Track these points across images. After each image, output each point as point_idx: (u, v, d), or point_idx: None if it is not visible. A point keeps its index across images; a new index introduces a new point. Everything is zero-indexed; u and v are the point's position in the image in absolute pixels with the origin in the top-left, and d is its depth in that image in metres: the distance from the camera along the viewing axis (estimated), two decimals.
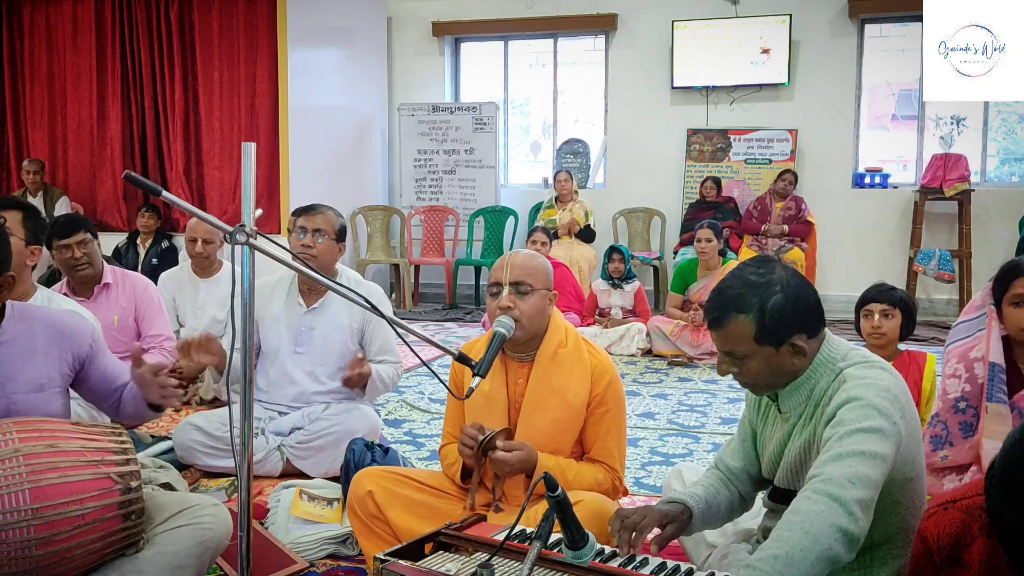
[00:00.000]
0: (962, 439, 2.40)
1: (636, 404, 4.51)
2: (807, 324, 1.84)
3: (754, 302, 1.81)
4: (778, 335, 1.81)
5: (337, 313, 3.38)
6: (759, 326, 1.80)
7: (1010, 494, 1.37)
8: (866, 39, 7.81)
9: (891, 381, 1.80)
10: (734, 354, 1.85)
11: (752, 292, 1.82)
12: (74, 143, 7.89)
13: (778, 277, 1.84)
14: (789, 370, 1.86)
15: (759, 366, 1.84)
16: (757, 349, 1.82)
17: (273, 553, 2.53)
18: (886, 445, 1.69)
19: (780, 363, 1.84)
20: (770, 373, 1.86)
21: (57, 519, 1.83)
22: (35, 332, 2.15)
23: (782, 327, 1.81)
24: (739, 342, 1.83)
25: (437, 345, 1.95)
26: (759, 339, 1.81)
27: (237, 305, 1.79)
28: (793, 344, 1.82)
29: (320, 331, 3.36)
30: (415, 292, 8.15)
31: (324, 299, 3.39)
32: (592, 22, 8.25)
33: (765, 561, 1.58)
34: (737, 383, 1.94)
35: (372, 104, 8.47)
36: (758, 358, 1.83)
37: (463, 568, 1.76)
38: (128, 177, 1.75)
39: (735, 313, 1.82)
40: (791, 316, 1.81)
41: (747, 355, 1.83)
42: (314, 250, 3.29)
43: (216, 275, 4.58)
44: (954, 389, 2.42)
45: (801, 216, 7.27)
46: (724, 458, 2.14)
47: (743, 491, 2.10)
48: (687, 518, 1.94)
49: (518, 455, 2.25)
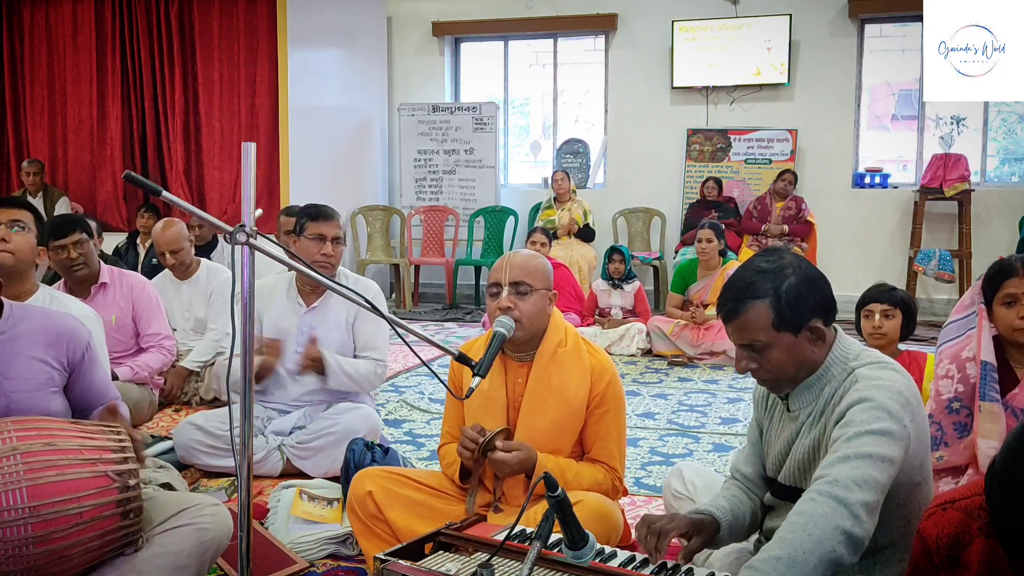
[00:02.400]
0: (957, 439, 2.40)
1: (636, 404, 4.51)
2: (822, 307, 1.82)
3: (768, 287, 1.79)
4: (796, 319, 1.79)
5: (336, 311, 3.40)
6: (776, 311, 1.78)
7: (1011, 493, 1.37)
8: (866, 39, 7.81)
9: (903, 383, 1.78)
10: (753, 346, 1.82)
11: (765, 278, 1.80)
12: (74, 143, 7.89)
13: (788, 262, 1.83)
14: (809, 359, 1.83)
15: (780, 356, 1.81)
16: (776, 336, 1.79)
17: (273, 553, 2.53)
18: (895, 448, 1.68)
19: (800, 351, 1.81)
20: (792, 363, 1.82)
21: (54, 517, 1.83)
22: (32, 332, 2.14)
23: (799, 310, 1.79)
24: (757, 331, 1.80)
25: (437, 345, 1.95)
26: (778, 325, 1.79)
27: (237, 305, 1.79)
28: (812, 328, 1.80)
29: (321, 330, 3.37)
30: (415, 292, 8.15)
31: (323, 298, 3.40)
32: (592, 22, 8.24)
33: (767, 562, 1.57)
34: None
35: (372, 104, 8.47)
36: (778, 347, 1.80)
37: (463, 568, 1.76)
38: (128, 177, 1.75)
39: (750, 300, 1.79)
40: (807, 299, 1.80)
41: (767, 344, 1.80)
42: (333, 259, 3.31)
43: (194, 275, 4.59)
44: (947, 390, 2.42)
45: (801, 216, 7.27)
46: (738, 466, 2.11)
47: (763, 496, 2.07)
48: (714, 530, 1.91)
49: (517, 455, 2.25)
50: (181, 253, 4.49)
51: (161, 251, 4.50)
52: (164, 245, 4.47)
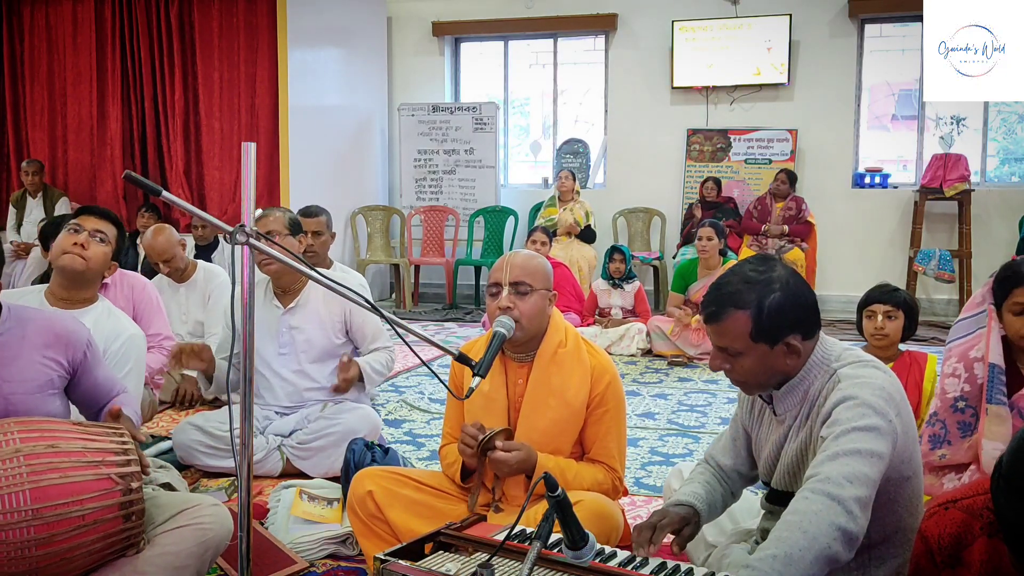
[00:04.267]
0: (960, 439, 2.40)
1: (636, 404, 4.51)
2: (803, 325, 1.84)
3: (752, 299, 1.80)
4: (774, 334, 1.81)
5: (315, 309, 3.40)
6: (756, 323, 1.80)
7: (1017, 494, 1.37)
8: (866, 39, 7.81)
9: (885, 380, 1.80)
10: (728, 350, 1.85)
11: (751, 289, 1.81)
12: (74, 143, 7.89)
13: (778, 276, 1.83)
14: (781, 370, 1.85)
15: (752, 364, 1.84)
16: (752, 346, 1.81)
17: (273, 553, 2.53)
18: (882, 443, 1.69)
19: (773, 362, 1.84)
20: (762, 372, 1.85)
21: (57, 520, 1.83)
22: (31, 334, 2.14)
23: (778, 326, 1.80)
24: (734, 338, 1.82)
25: (437, 345, 1.94)
26: (755, 336, 1.81)
27: (237, 305, 1.79)
28: (788, 344, 1.82)
29: (300, 330, 3.38)
30: (415, 292, 8.15)
31: (299, 298, 3.41)
32: (592, 22, 8.24)
33: (764, 561, 1.58)
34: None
35: (372, 104, 8.47)
36: (752, 356, 1.83)
37: (463, 568, 1.76)
38: (128, 177, 1.75)
39: (733, 309, 1.81)
40: (788, 315, 1.81)
41: (741, 352, 1.83)
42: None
43: (192, 278, 4.58)
44: (953, 389, 2.41)
45: (801, 216, 7.26)
46: (715, 455, 2.15)
47: (732, 487, 2.13)
48: (697, 520, 1.96)
49: (517, 455, 2.25)
50: (174, 260, 4.47)
51: (153, 260, 4.49)
52: (155, 255, 4.45)
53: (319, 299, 3.38)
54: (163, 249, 4.42)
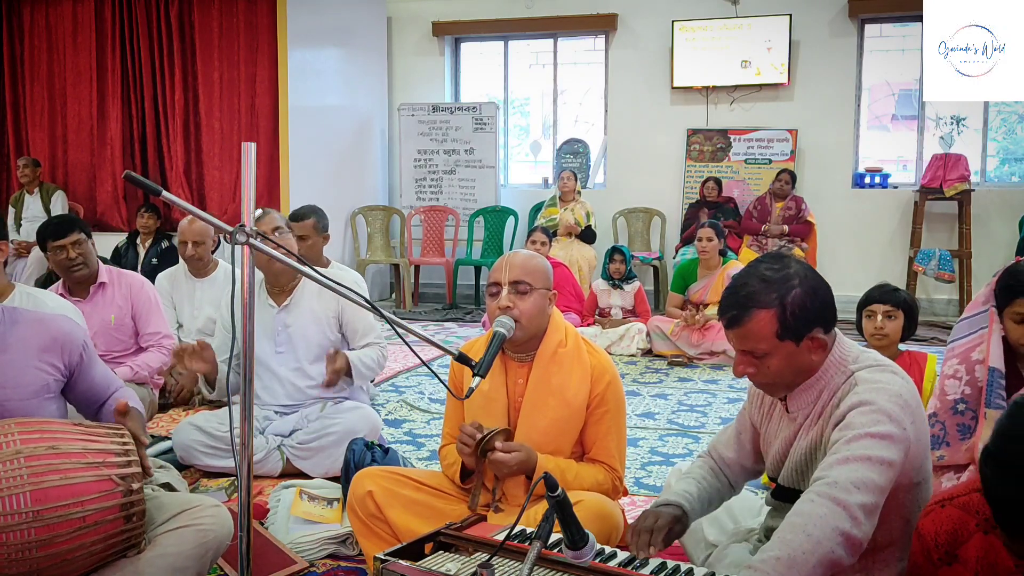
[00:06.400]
0: (959, 440, 2.40)
1: (636, 404, 4.51)
2: (825, 317, 1.82)
3: (774, 297, 1.78)
4: (799, 329, 1.79)
5: (310, 307, 3.41)
6: (781, 321, 1.78)
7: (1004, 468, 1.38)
8: (866, 39, 7.81)
9: (902, 386, 1.78)
10: (754, 353, 1.82)
11: (771, 287, 1.79)
12: (74, 143, 7.89)
13: (795, 271, 1.82)
14: (808, 367, 1.83)
15: (779, 364, 1.81)
16: (778, 345, 1.79)
17: (273, 553, 2.54)
18: (894, 451, 1.68)
19: (800, 360, 1.82)
20: (790, 371, 1.83)
21: (58, 521, 1.83)
22: (26, 338, 2.11)
23: (803, 321, 1.79)
24: (760, 339, 1.79)
25: (437, 345, 1.95)
26: (781, 335, 1.78)
27: (237, 305, 1.79)
28: (813, 338, 1.80)
29: (295, 327, 3.39)
30: (415, 292, 8.15)
31: (293, 296, 3.42)
32: (592, 22, 8.24)
33: (767, 563, 1.58)
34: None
35: (372, 104, 8.47)
36: (779, 355, 1.80)
37: (463, 568, 1.76)
38: (128, 177, 1.75)
39: (755, 309, 1.79)
40: (811, 309, 1.79)
41: (768, 352, 1.80)
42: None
43: (211, 275, 4.61)
44: (953, 390, 2.41)
45: (801, 216, 7.26)
46: (718, 447, 2.14)
47: (732, 480, 2.11)
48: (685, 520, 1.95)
49: (517, 456, 2.25)
50: (202, 248, 4.54)
51: (184, 240, 4.54)
52: (190, 235, 4.52)
53: (312, 296, 3.40)
54: (200, 231, 4.53)
